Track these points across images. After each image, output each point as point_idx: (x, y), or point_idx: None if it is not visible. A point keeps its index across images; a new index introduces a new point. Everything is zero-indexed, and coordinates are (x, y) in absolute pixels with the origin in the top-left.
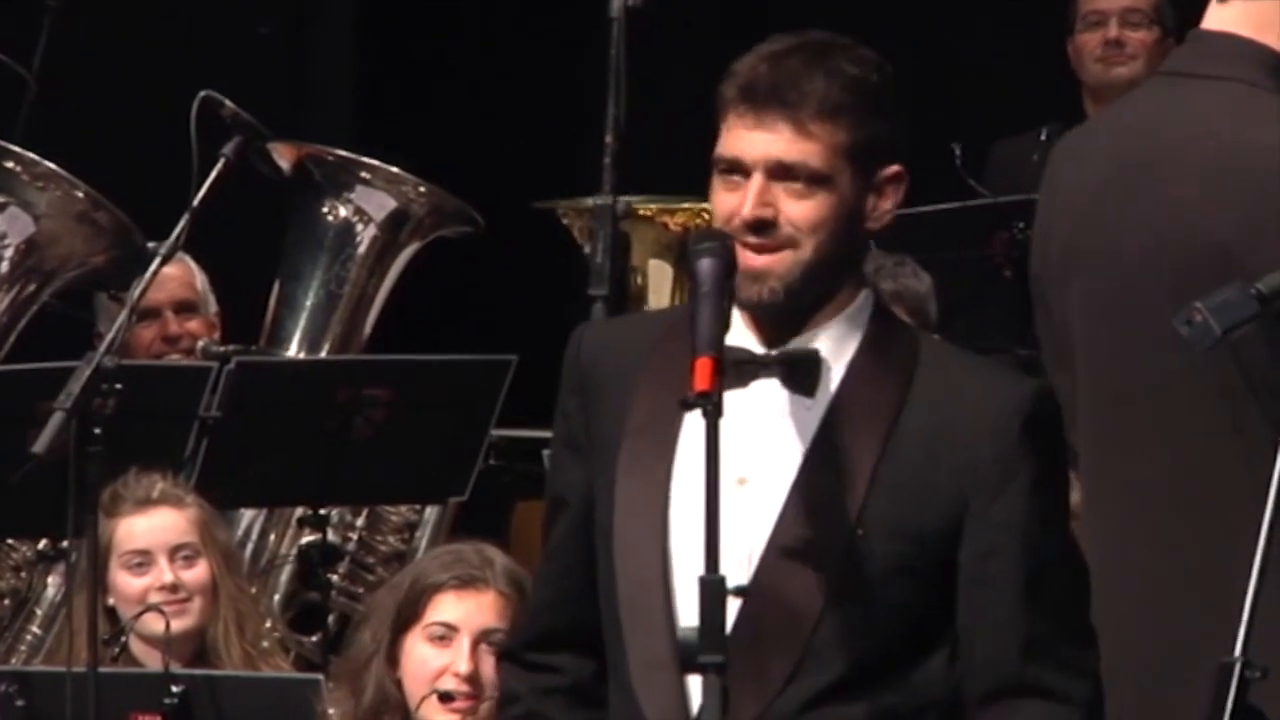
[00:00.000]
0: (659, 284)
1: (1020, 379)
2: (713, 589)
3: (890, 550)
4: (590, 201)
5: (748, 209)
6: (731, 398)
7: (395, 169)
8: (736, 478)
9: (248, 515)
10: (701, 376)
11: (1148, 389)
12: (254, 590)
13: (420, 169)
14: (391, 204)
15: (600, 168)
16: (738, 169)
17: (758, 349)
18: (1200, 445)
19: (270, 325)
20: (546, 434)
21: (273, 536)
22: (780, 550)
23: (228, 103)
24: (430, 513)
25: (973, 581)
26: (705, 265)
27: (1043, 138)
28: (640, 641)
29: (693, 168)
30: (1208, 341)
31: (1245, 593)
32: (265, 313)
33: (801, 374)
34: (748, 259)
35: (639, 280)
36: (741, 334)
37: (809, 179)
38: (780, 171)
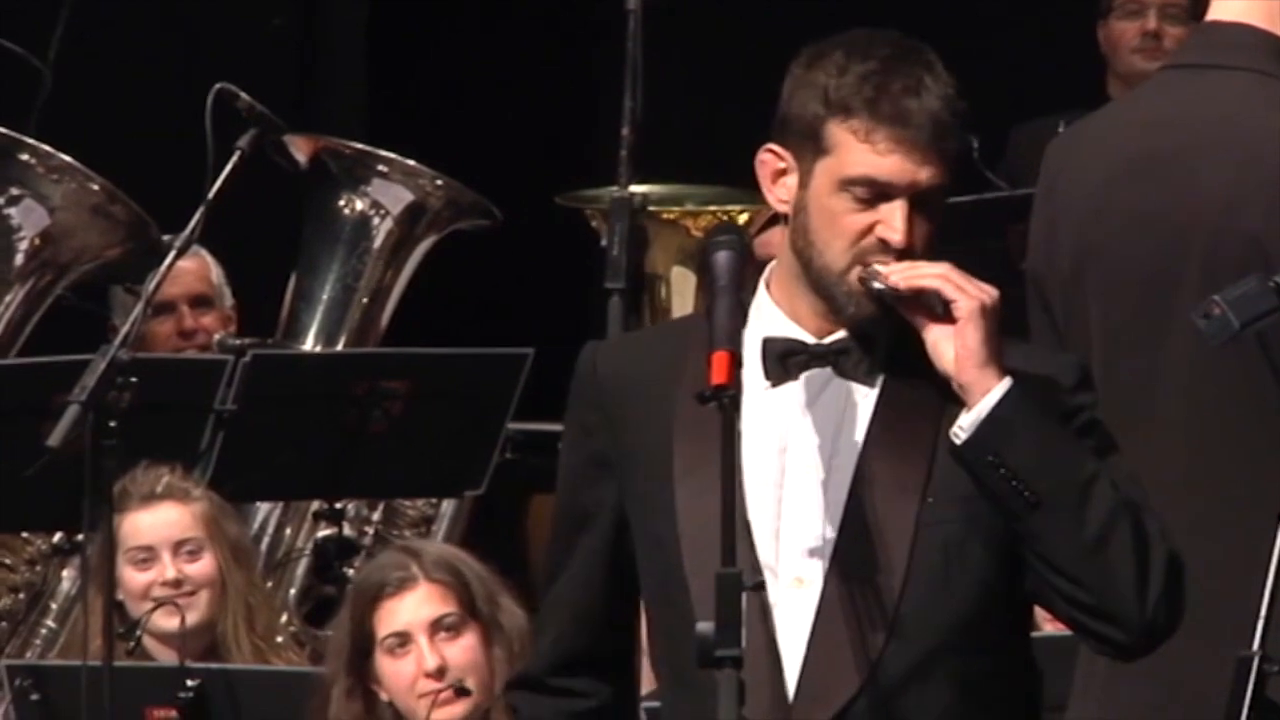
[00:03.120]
0: (682, 291)
1: (1063, 354)
2: (728, 584)
3: (961, 512)
4: (607, 194)
5: (903, 236)
6: (786, 389)
7: (412, 162)
8: (800, 466)
9: (263, 509)
10: (718, 370)
11: (1171, 383)
12: (269, 584)
13: (436, 162)
14: (408, 197)
15: (617, 160)
16: (878, 190)
17: (808, 339)
18: (1227, 439)
19: (286, 319)
20: (562, 428)
21: (288, 530)
22: (855, 531)
23: (243, 95)
24: (447, 506)
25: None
26: (721, 259)
27: (1061, 128)
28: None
29: (708, 156)
30: (1225, 335)
31: (1266, 585)
32: (281, 306)
33: (855, 362)
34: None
35: (663, 291)
36: (786, 325)
37: (940, 204)
38: (924, 197)
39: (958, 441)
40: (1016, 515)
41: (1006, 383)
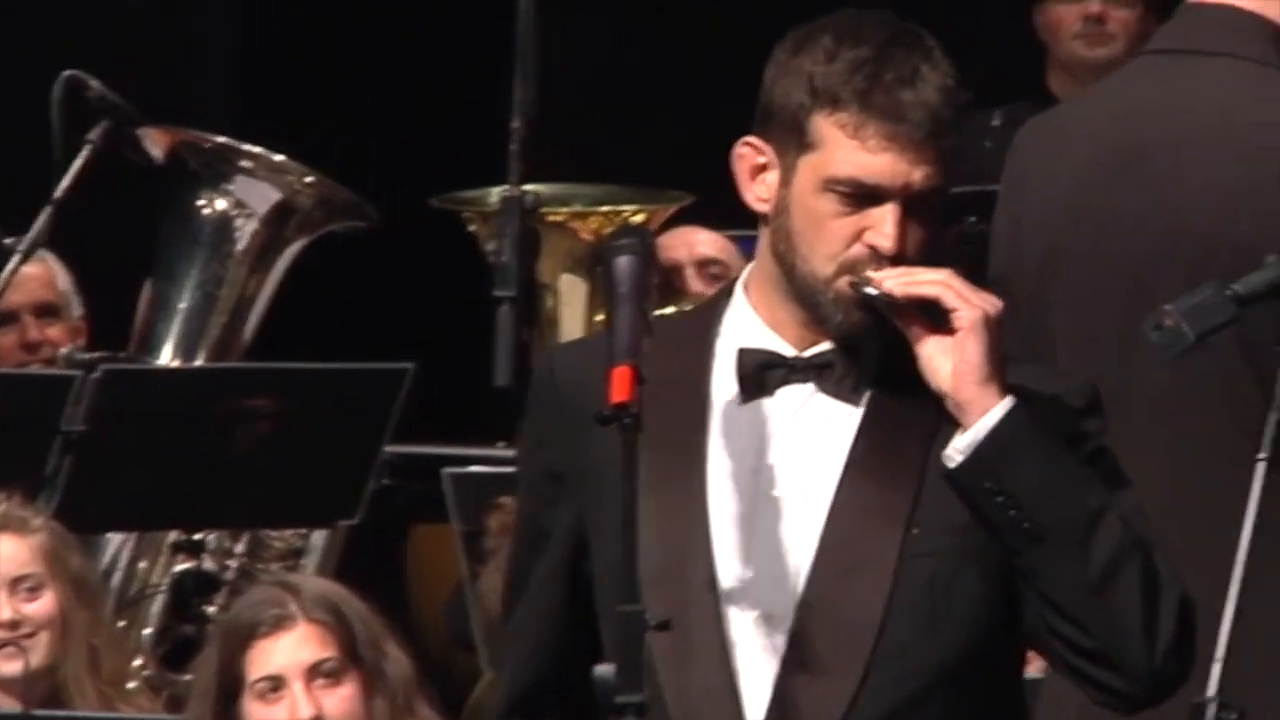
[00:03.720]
0: (572, 300)
1: (1069, 376)
2: (630, 622)
3: (950, 544)
4: (495, 195)
5: (894, 242)
6: (761, 405)
7: (280, 157)
8: (775, 489)
9: (115, 541)
10: (619, 387)
11: (1146, 401)
12: (122, 624)
13: (308, 157)
14: (275, 196)
15: (506, 156)
16: (866, 192)
17: (787, 352)
18: (1208, 454)
19: (141, 330)
20: (446, 450)
21: (143, 564)
22: (830, 564)
23: (94, 83)
24: (318, 537)
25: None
26: (622, 264)
27: (995, 122)
28: (683, 676)
29: (595, 153)
30: (1180, 347)
31: (1223, 625)
32: (135, 316)
33: (838, 378)
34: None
35: (550, 300)
36: (764, 335)
37: (936, 206)
38: (919, 199)
39: (951, 465)
40: (1015, 549)
41: (1008, 402)
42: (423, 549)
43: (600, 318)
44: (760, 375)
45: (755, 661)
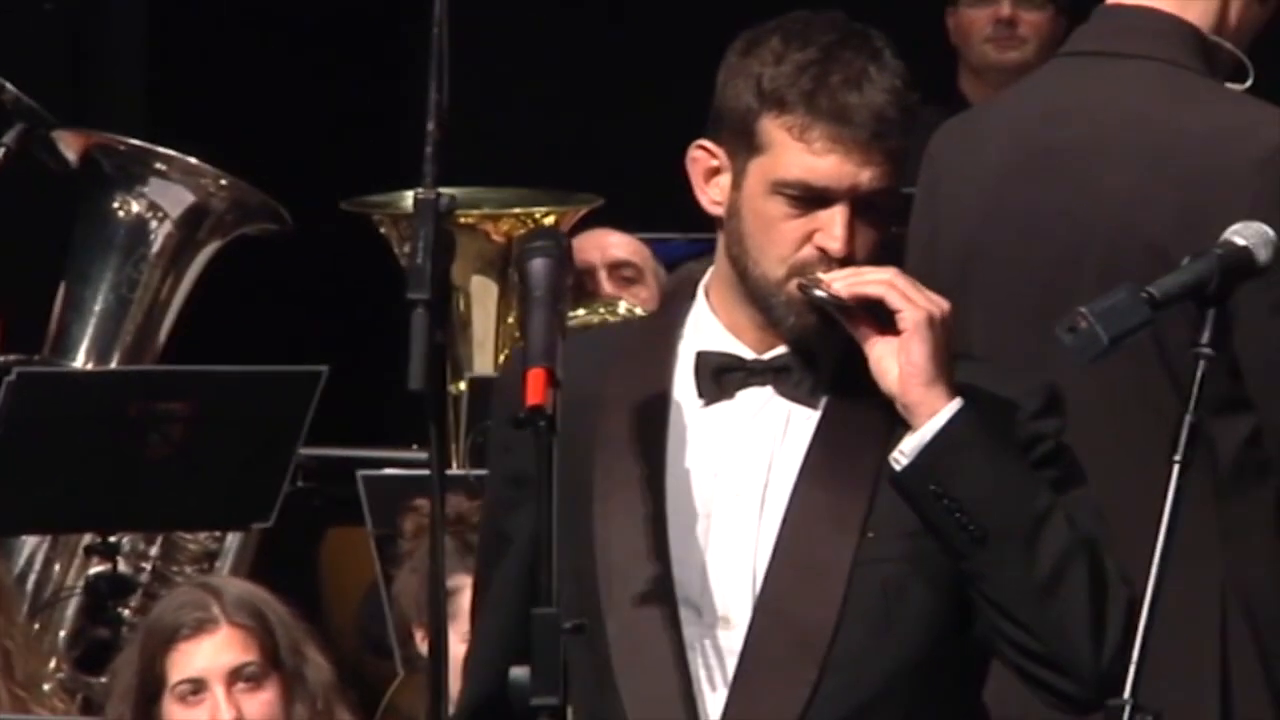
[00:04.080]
0: (483, 302)
1: (1026, 377)
2: (545, 625)
3: (902, 549)
4: (409, 197)
5: (842, 245)
6: (720, 408)
7: (193, 160)
8: (733, 492)
9: (30, 543)
10: (533, 390)
11: (1066, 395)
12: (36, 626)
13: (221, 160)
14: (189, 198)
15: (421, 157)
16: (814, 194)
17: (746, 354)
18: (1123, 456)
19: (54, 333)
20: (360, 453)
21: (57, 567)
22: (785, 567)
23: (8, 86)
24: (232, 540)
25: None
26: (537, 267)
27: None
28: (638, 680)
29: (504, 156)
30: (1094, 351)
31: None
32: (49, 319)
33: (796, 381)
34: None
35: (462, 302)
36: (723, 338)
37: (887, 207)
38: (867, 200)
39: (897, 468)
40: (961, 552)
41: (955, 404)
42: (337, 552)
43: (512, 319)
44: (718, 378)
45: (711, 666)
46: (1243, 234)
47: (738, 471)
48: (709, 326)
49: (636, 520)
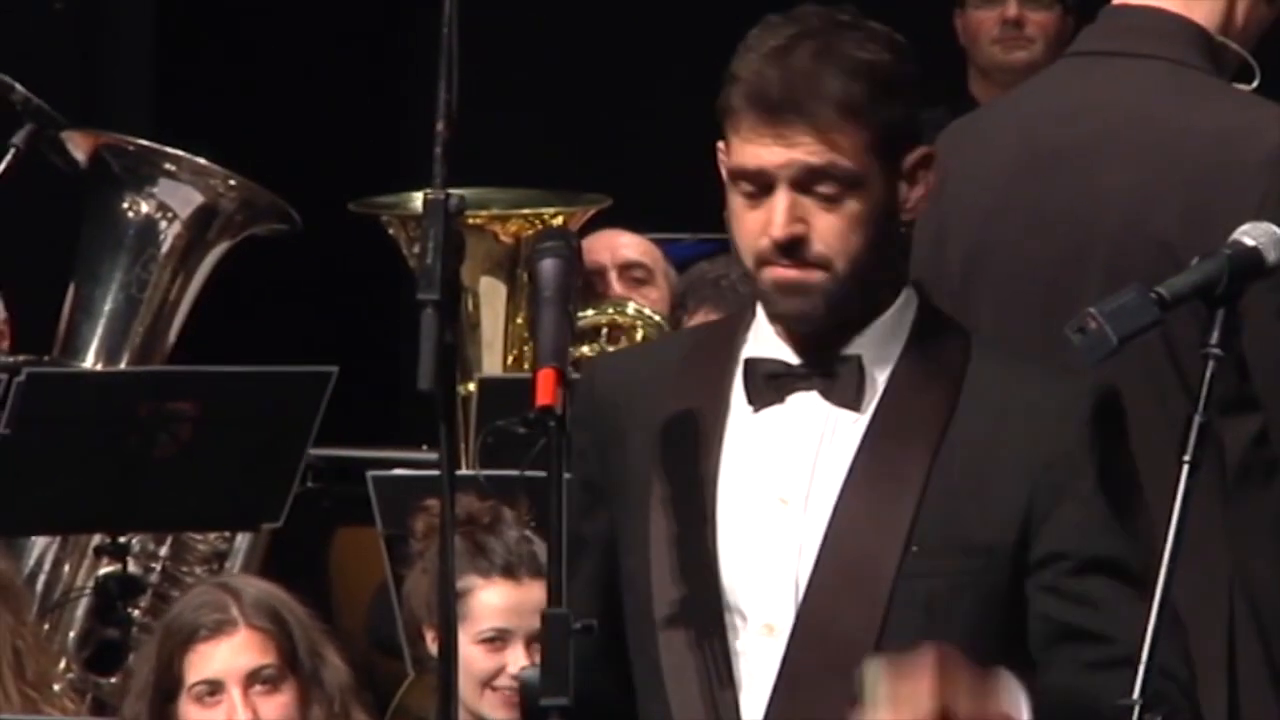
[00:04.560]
0: (491, 303)
1: (1078, 378)
2: (556, 625)
3: (949, 566)
4: (417, 198)
5: (779, 229)
6: (769, 414)
7: (202, 160)
8: (778, 498)
9: (39, 544)
10: (543, 390)
11: None
12: (45, 627)
13: (229, 160)
14: (198, 199)
15: (430, 158)
16: (760, 181)
17: (793, 360)
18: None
19: (64, 333)
20: (370, 454)
21: (67, 567)
22: (827, 577)
23: (18, 87)
24: (241, 541)
25: (1051, 591)
26: (547, 267)
27: None
28: (686, 686)
29: (513, 157)
30: (1103, 351)
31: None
32: (58, 319)
33: (844, 385)
34: (778, 272)
35: (470, 302)
36: (775, 345)
37: (841, 181)
38: (809, 178)
39: None
40: None
41: None
42: (347, 552)
43: (521, 320)
44: (766, 384)
45: (757, 674)
46: (1252, 234)
47: (784, 477)
48: (764, 333)
49: (687, 526)
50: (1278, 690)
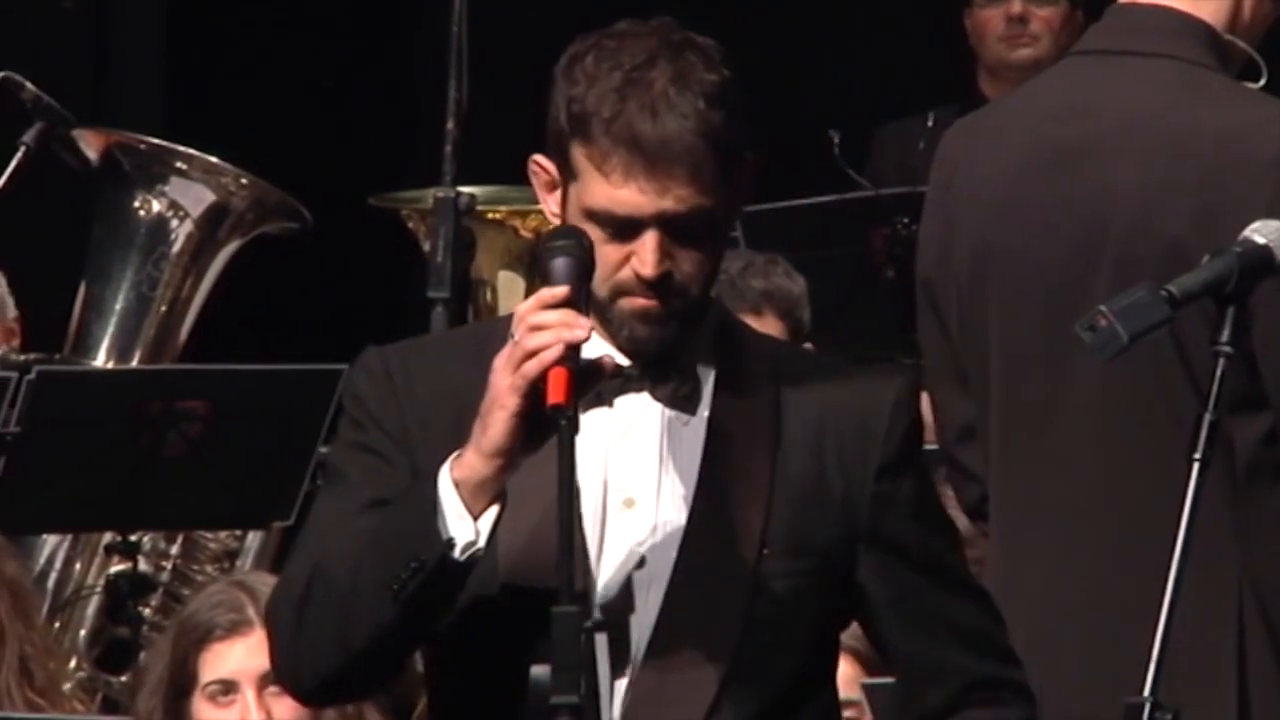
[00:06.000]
0: (511, 296)
1: (884, 378)
2: (566, 623)
3: (797, 566)
4: (430, 196)
5: (651, 268)
6: (595, 415)
7: (213, 159)
8: (623, 499)
9: (50, 542)
10: (555, 389)
11: (1080, 400)
12: (56, 625)
13: (240, 159)
14: (209, 197)
15: (440, 157)
16: (623, 224)
17: (623, 362)
18: (1143, 462)
19: (75, 332)
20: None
21: (77, 565)
22: (687, 579)
23: (29, 85)
24: (252, 539)
25: (886, 604)
26: (559, 265)
27: (930, 123)
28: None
29: (530, 154)
30: (1113, 349)
31: (1158, 626)
32: (70, 318)
33: (677, 388)
34: (639, 303)
35: (488, 295)
36: (598, 345)
37: (707, 223)
38: (678, 224)
39: None
40: None
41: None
42: None
43: None
44: (595, 383)
45: (613, 679)
46: (1262, 232)
47: (626, 477)
48: (596, 334)
49: (525, 525)
50: None
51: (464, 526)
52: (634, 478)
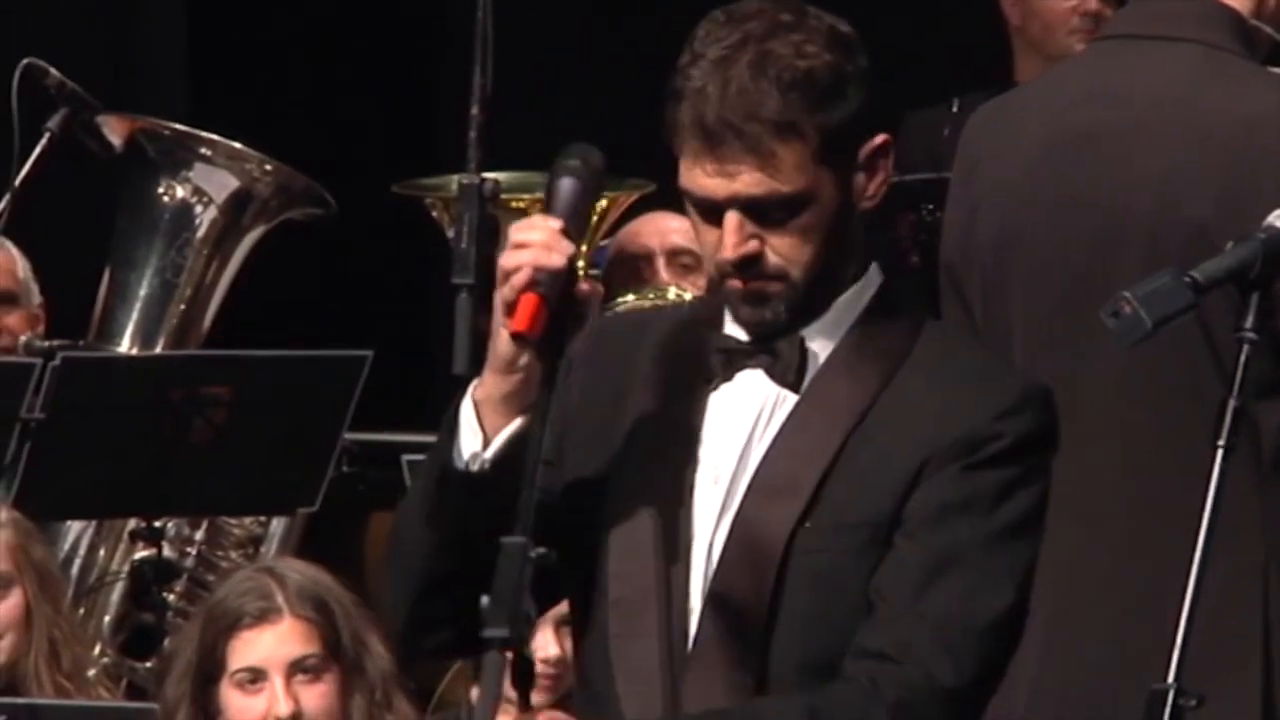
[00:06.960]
0: None
1: (1010, 379)
2: (510, 553)
3: (838, 543)
4: (455, 183)
5: (730, 250)
6: (723, 391)
7: (237, 144)
8: (713, 476)
9: (74, 528)
10: (521, 316)
11: (1103, 385)
12: (81, 611)
13: (264, 144)
14: (233, 183)
15: (465, 143)
16: (707, 207)
17: (745, 339)
18: (1165, 448)
19: (100, 318)
20: (404, 438)
21: (102, 551)
22: (734, 550)
23: (53, 71)
24: (276, 525)
25: (889, 563)
26: (564, 187)
27: (955, 109)
28: (630, 649)
29: (557, 140)
30: (1137, 335)
31: (1182, 613)
32: (94, 304)
33: (785, 365)
34: (737, 284)
35: None
36: (733, 324)
37: (786, 205)
38: (754, 205)
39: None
40: None
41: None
42: (382, 537)
43: None
44: (720, 360)
45: (678, 648)
46: None
47: (719, 454)
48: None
49: (646, 498)
50: None
51: (473, 439)
52: (724, 454)
